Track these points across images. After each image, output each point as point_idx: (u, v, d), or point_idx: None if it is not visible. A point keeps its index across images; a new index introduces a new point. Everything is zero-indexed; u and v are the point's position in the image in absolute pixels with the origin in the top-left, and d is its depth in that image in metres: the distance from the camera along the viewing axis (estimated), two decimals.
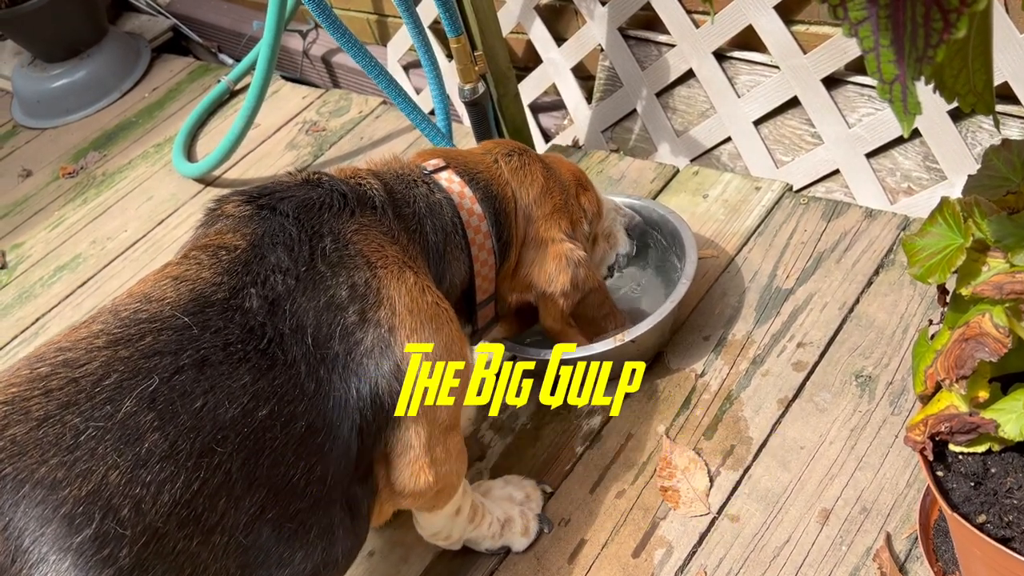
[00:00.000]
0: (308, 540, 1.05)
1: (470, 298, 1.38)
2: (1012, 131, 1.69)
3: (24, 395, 0.93)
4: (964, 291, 0.91)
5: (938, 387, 1.00)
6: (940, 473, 1.04)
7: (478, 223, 1.34)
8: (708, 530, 1.39)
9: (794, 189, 1.97)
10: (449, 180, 1.35)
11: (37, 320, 2.31)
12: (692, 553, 1.37)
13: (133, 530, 0.90)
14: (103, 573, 0.88)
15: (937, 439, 1.01)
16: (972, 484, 1.02)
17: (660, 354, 1.67)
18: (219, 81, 2.89)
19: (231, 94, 2.90)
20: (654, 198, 2.02)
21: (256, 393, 1.00)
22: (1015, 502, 0.99)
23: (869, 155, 1.90)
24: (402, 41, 2.76)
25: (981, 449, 0.99)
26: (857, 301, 1.64)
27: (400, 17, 2.70)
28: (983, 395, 0.93)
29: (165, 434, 0.94)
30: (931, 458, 1.03)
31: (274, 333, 1.04)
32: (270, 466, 1.00)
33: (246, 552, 0.99)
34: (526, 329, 1.56)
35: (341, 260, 1.12)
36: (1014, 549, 0.95)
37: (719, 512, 1.40)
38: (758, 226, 1.86)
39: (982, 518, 1.00)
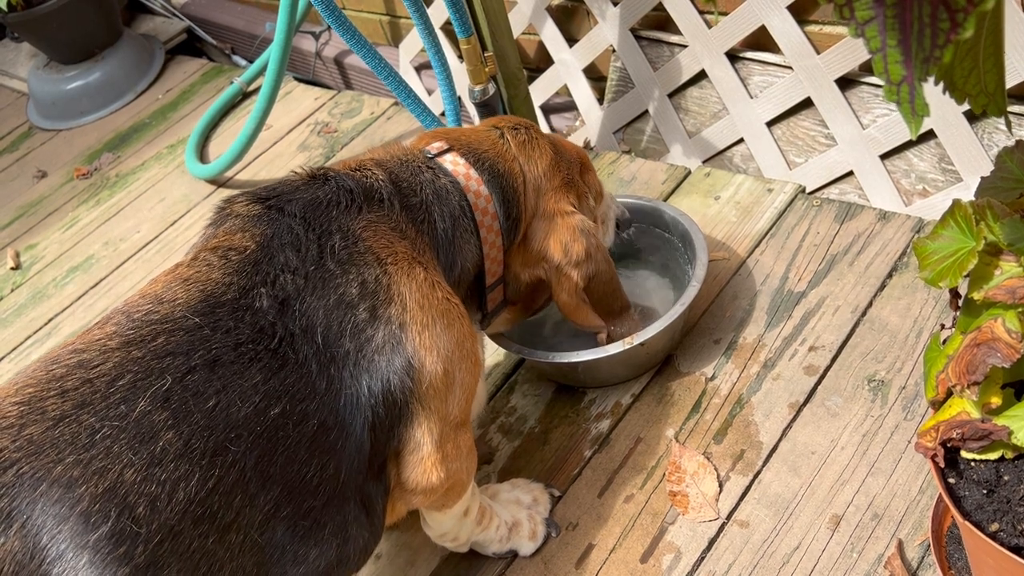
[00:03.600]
0: (322, 537, 1.06)
1: (480, 282, 1.37)
2: None
3: (40, 395, 0.95)
4: (976, 295, 0.89)
5: (950, 393, 0.99)
6: (952, 480, 1.03)
7: (485, 205, 1.32)
8: (717, 536, 1.37)
9: (807, 191, 1.95)
10: (454, 163, 1.33)
11: (50, 321, 2.32)
12: (701, 559, 1.35)
13: (148, 528, 0.91)
14: (119, 570, 0.89)
15: (949, 446, 1.00)
16: (984, 492, 1.00)
17: (670, 357, 1.66)
18: (232, 82, 2.90)
19: (244, 95, 2.91)
20: (665, 200, 2.00)
21: (268, 392, 1.01)
22: None
23: (883, 156, 1.87)
24: (414, 42, 2.75)
25: (994, 456, 0.98)
26: (870, 304, 1.62)
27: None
28: (995, 401, 0.91)
29: (179, 433, 0.95)
30: (943, 465, 1.01)
31: (284, 332, 1.05)
32: (283, 464, 1.01)
33: (262, 550, 1.00)
34: (530, 315, 1.55)
35: (351, 258, 1.12)
36: None
37: (728, 517, 1.39)
38: (770, 228, 1.84)
39: (995, 526, 0.98)
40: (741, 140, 2.11)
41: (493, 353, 1.77)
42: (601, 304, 1.49)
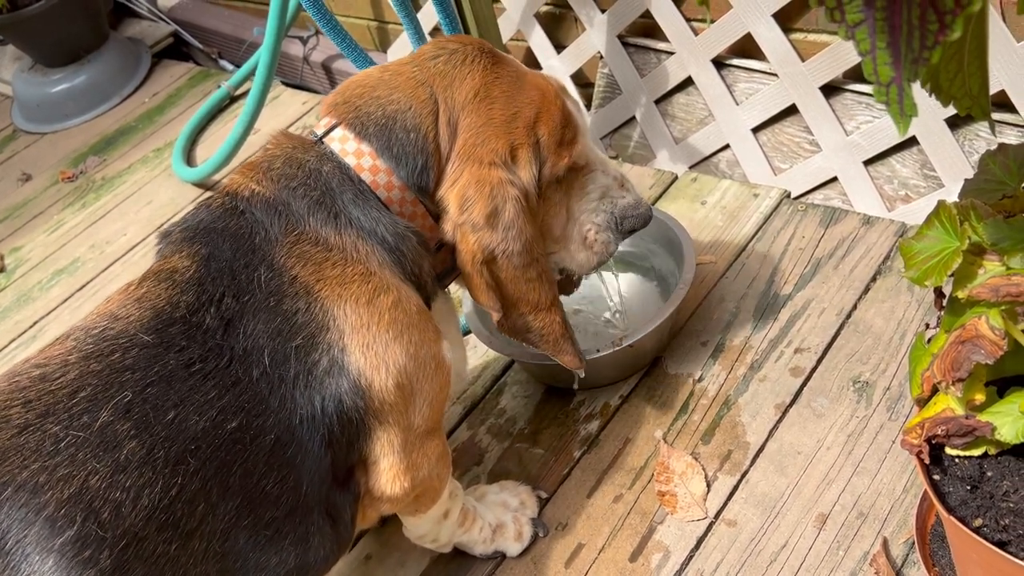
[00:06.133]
0: (283, 546, 1.07)
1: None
2: (1009, 139, 1.70)
3: (4, 405, 0.97)
4: (961, 294, 0.91)
5: (935, 390, 1.01)
6: (937, 477, 1.04)
7: (387, 179, 1.18)
8: (705, 535, 1.39)
9: (792, 196, 1.97)
10: (342, 140, 1.18)
11: (35, 323, 2.31)
12: (689, 558, 1.37)
13: (114, 532, 0.92)
14: (84, 574, 0.90)
15: (934, 442, 1.01)
16: (968, 488, 1.02)
17: (658, 359, 1.67)
18: (219, 86, 2.90)
19: (231, 99, 2.91)
20: (653, 204, 2.02)
21: (223, 407, 1.03)
22: (1011, 505, 0.99)
23: (867, 163, 1.90)
24: (402, 48, 2.77)
25: (977, 452, 1.00)
26: (855, 307, 1.65)
27: (401, 24, 2.71)
28: (979, 398, 0.93)
29: (142, 442, 0.97)
30: (928, 461, 1.03)
31: (233, 353, 1.06)
32: (242, 475, 1.03)
33: (224, 558, 1.02)
34: None
35: (280, 288, 1.10)
36: (1011, 553, 0.96)
37: (716, 517, 1.40)
38: (756, 232, 1.87)
39: (978, 522, 1.00)
40: (727, 146, 2.13)
41: (483, 355, 1.78)
42: (507, 292, 1.25)
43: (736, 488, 1.43)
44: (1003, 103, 1.65)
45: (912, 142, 1.83)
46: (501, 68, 1.23)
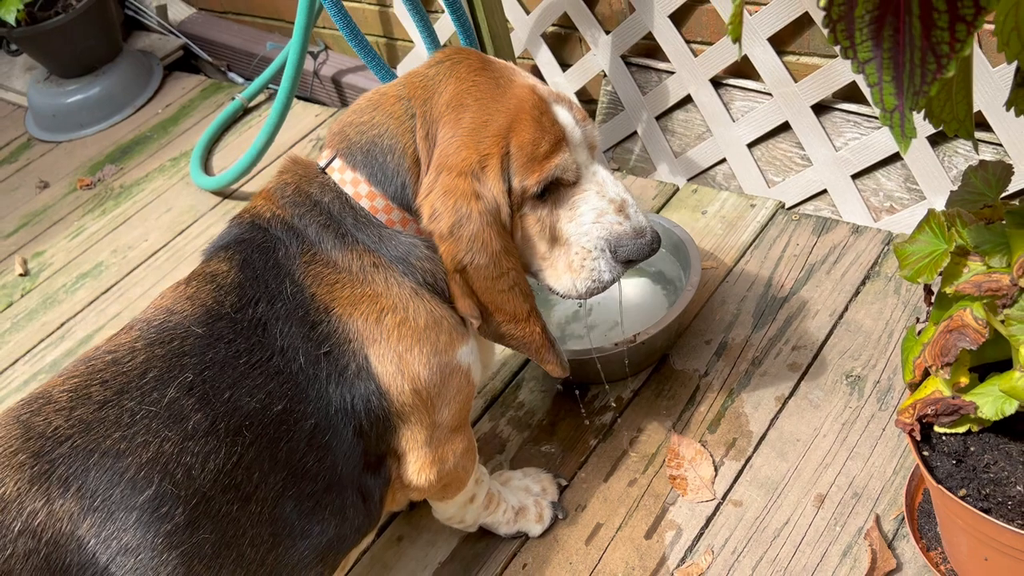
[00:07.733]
0: (323, 517, 1.21)
1: None
2: (986, 155, 1.85)
3: (84, 384, 1.11)
4: (948, 289, 1.06)
5: (925, 375, 1.15)
6: (926, 453, 1.19)
7: (383, 203, 1.25)
8: (714, 514, 1.52)
9: (786, 207, 2.12)
10: (341, 170, 1.26)
11: (62, 325, 2.41)
12: (700, 535, 1.50)
13: (186, 491, 1.07)
14: (163, 528, 1.05)
15: (924, 421, 1.15)
16: (954, 462, 1.16)
17: (666, 356, 1.81)
18: (233, 98, 3.01)
19: (245, 111, 3.02)
20: (656, 213, 2.16)
21: (270, 392, 1.17)
22: (992, 476, 1.13)
23: (855, 176, 2.05)
24: (412, 65, 2.89)
25: (962, 430, 1.14)
26: (846, 309, 1.79)
27: (410, 40, 2.84)
28: (964, 380, 1.08)
29: (206, 415, 1.11)
30: (919, 439, 1.17)
31: (273, 349, 1.19)
32: (288, 452, 1.17)
33: (275, 522, 1.15)
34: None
35: (304, 302, 1.22)
36: (992, 518, 1.10)
37: (724, 498, 1.54)
38: (754, 240, 2.01)
39: (963, 492, 1.14)
40: (723, 160, 2.28)
41: (501, 351, 1.90)
42: (483, 300, 1.26)
43: (741, 472, 1.57)
44: (979, 123, 1.81)
45: (896, 158, 1.98)
46: (480, 76, 1.23)
